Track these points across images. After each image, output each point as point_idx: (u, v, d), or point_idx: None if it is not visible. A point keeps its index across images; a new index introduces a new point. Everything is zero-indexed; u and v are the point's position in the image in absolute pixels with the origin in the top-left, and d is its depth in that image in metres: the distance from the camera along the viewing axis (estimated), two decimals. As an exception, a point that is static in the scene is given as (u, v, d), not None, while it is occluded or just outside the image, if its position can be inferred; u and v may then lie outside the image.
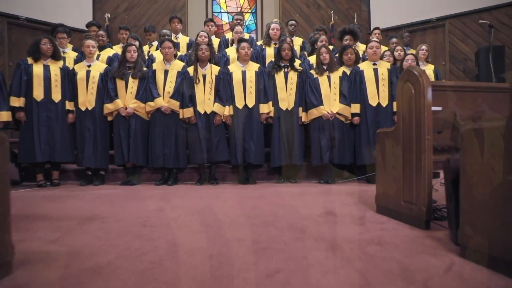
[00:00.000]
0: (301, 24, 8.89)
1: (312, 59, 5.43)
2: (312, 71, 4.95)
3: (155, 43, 6.43)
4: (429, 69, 5.87)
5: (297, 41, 6.17)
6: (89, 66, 5.00)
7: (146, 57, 5.68)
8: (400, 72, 5.01)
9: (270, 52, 5.63)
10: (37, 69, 4.76)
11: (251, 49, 5.09)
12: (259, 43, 6.16)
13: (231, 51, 5.70)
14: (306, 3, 9.18)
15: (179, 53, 5.74)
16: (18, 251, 1.94)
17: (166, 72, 4.94)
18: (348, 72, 4.94)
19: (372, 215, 3.01)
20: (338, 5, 9.18)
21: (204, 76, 4.83)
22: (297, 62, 5.06)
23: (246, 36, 6.17)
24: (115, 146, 4.93)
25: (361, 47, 6.13)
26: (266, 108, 4.83)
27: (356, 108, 4.81)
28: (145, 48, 6.20)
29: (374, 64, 4.90)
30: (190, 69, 4.87)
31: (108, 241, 2.38)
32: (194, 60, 4.86)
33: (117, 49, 6.13)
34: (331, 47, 5.90)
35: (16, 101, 4.68)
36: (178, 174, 5.09)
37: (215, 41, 6.35)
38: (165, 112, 4.83)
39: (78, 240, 2.42)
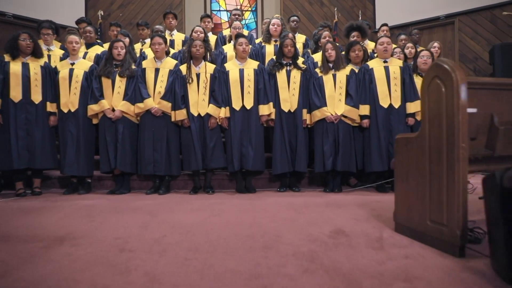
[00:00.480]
0: (303, 22, 8.43)
1: (317, 57, 4.97)
2: (317, 70, 4.49)
3: (148, 41, 5.97)
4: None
5: (300, 38, 5.71)
6: (72, 64, 4.53)
7: (138, 55, 5.21)
8: (414, 71, 4.56)
9: (270, 50, 5.17)
10: (15, 67, 4.30)
11: (250, 45, 4.63)
12: (258, 40, 5.71)
13: (228, 48, 5.25)
14: (308, 0, 8.72)
15: (173, 51, 5.29)
16: None
17: (156, 70, 4.48)
18: (356, 71, 4.47)
19: (391, 235, 2.54)
20: (342, 3, 8.72)
21: (198, 75, 4.37)
22: (300, 60, 4.60)
23: (245, 32, 5.71)
24: (100, 151, 4.47)
25: (369, 45, 5.66)
26: (266, 110, 4.37)
27: (365, 109, 4.35)
28: (137, 46, 5.74)
29: (385, 62, 4.44)
30: (183, 68, 4.41)
31: (71, 274, 1.92)
32: (187, 58, 4.40)
33: (108, 46, 5.65)
34: (335, 44, 5.45)
35: (-10, 103, 4.23)
36: (171, 182, 4.62)
37: (212, 38, 5.90)
38: (155, 114, 4.37)
39: (36, 272, 1.96)
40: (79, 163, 4.41)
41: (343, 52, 4.82)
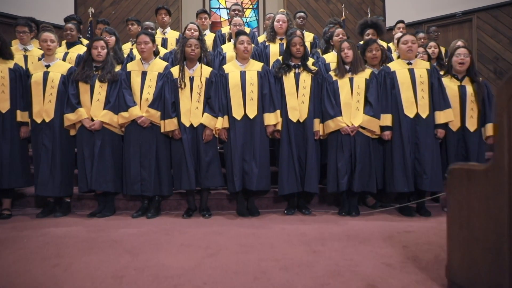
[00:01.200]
0: (308, 20, 7.74)
1: (328, 57, 4.29)
2: (331, 73, 3.81)
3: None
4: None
5: (308, 37, 5.02)
6: (47, 66, 3.86)
7: (126, 56, 4.54)
8: (445, 73, 3.87)
9: (275, 50, 4.50)
10: (-23, 71, 3.64)
11: (252, 44, 3.95)
12: (261, 39, 5.04)
13: (228, 48, 4.56)
14: (313, -4, 8.04)
15: (164, 51, 4.60)
16: None
17: (143, 74, 3.80)
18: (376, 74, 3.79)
19: (443, 298, 1.88)
20: (350, -1, 8.03)
21: (191, 79, 3.69)
22: (310, 61, 3.92)
23: (247, 30, 5.03)
24: (78, 168, 3.79)
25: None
26: (272, 119, 3.69)
27: (387, 120, 3.67)
28: (127, 45, 5.05)
29: (409, 64, 3.76)
30: (175, 70, 3.74)
31: None
32: (179, 59, 3.73)
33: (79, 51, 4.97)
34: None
35: None
36: (162, 202, 3.95)
37: (210, 37, 5.22)
38: (142, 125, 3.70)
39: None
40: (55, 182, 3.74)
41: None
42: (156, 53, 4.00)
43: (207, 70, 3.75)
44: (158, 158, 3.75)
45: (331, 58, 4.25)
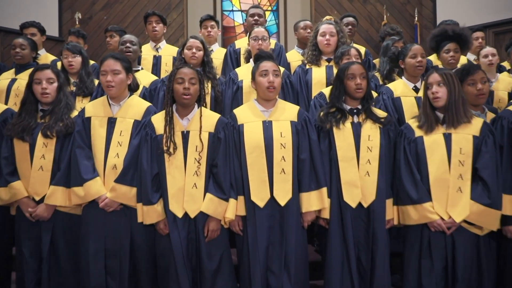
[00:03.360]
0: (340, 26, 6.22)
1: (396, 87, 2.75)
2: (411, 122, 2.30)
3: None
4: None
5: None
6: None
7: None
8: None
9: (319, 76, 3.01)
10: None
11: (281, 71, 2.45)
12: (291, 56, 3.56)
13: (245, 72, 3.03)
14: (347, -5, 6.47)
15: (152, 79, 3.12)
16: None
17: (111, 123, 2.34)
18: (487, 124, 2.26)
19: None
20: (392, -1, 6.44)
21: (185, 136, 2.22)
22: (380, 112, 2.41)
23: (272, 43, 3.51)
24: (16, 271, 2.39)
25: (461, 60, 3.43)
26: (314, 203, 2.19)
27: (510, 204, 2.14)
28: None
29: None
30: (158, 119, 2.28)
31: None
32: (166, 102, 2.26)
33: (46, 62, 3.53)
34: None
35: None
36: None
37: (219, 54, 3.74)
38: (106, 209, 2.26)
39: None
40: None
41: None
42: (132, 88, 2.54)
43: (210, 120, 2.27)
44: (135, 259, 2.30)
45: (401, 89, 2.72)
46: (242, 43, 3.68)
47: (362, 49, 3.64)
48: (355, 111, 2.31)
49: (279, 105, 2.34)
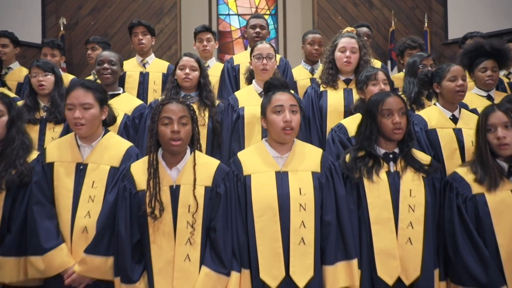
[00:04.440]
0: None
1: (432, 115, 2.22)
2: (463, 173, 1.78)
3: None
4: None
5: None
6: None
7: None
8: None
9: (336, 102, 2.47)
10: None
11: (299, 109, 1.91)
12: (299, 74, 3.04)
13: (246, 97, 2.52)
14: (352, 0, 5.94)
15: (135, 105, 2.58)
16: None
17: (80, 170, 1.81)
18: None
19: None
20: (400, 3, 5.92)
21: (174, 191, 1.69)
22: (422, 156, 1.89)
23: (277, 58, 2.95)
24: None
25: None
26: (342, 277, 1.66)
27: None
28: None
29: None
30: (140, 168, 1.73)
31: None
32: (147, 147, 1.72)
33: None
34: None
35: None
36: None
37: (215, 70, 3.21)
38: (73, 285, 1.72)
39: None
40: None
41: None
42: (108, 123, 1.99)
43: (207, 169, 1.74)
44: None
45: (436, 118, 2.19)
46: (241, 59, 3.13)
47: (378, 64, 3.13)
48: (391, 156, 1.79)
49: (297, 148, 1.80)
